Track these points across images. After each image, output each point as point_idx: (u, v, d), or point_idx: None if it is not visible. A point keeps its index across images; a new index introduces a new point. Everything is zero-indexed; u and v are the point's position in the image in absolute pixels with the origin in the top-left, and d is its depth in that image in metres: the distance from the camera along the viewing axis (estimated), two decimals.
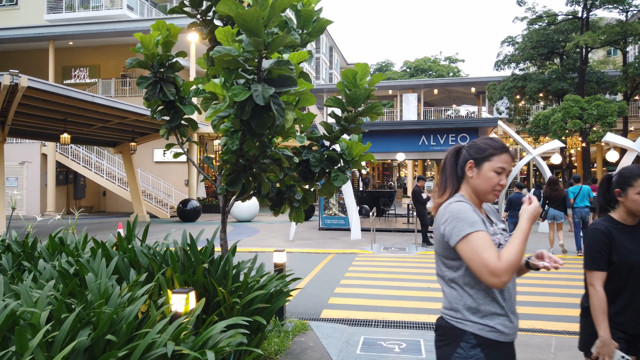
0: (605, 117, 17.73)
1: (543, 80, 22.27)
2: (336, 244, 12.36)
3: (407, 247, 11.65)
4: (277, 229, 16.03)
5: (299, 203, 4.66)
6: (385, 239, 13.39)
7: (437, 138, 14.90)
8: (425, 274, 8.26)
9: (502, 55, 24.91)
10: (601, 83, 21.77)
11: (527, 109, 24.91)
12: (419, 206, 11.85)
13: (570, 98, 18.51)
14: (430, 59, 47.24)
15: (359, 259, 10.05)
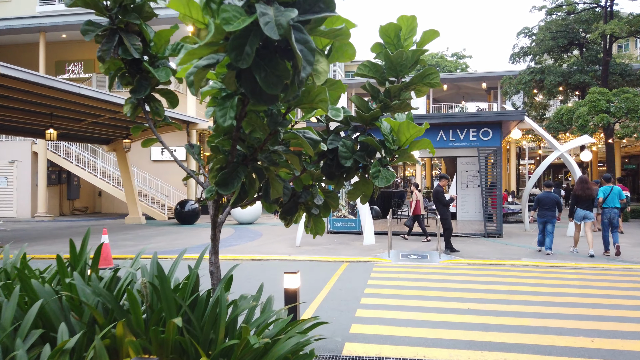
0: (635, 111, 16.42)
1: (563, 73, 20.97)
2: (348, 250, 11.11)
3: (428, 254, 10.39)
4: (282, 232, 14.78)
5: (319, 210, 3.40)
6: (401, 244, 12.12)
7: (456, 133, 13.63)
8: (459, 289, 6.99)
9: (517, 48, 23.63)
10: (626, 75, 20.45)
11: (544, 104, 23.60)
12: (441, 208, 10.59)
13: (596, 91, 17.20)
14: (437, 55, 45.85)
15: (377, 269, 8.79)
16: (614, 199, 10.16)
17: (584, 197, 10.27)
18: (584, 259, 9.71)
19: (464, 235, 13.44)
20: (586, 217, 10.29)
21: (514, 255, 10.17)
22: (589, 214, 10.25)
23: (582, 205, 10.32)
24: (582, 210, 10.31)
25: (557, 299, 6.42)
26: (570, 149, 14.24)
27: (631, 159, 36.47)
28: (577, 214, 10.40)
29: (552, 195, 10.39)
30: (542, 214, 10.33)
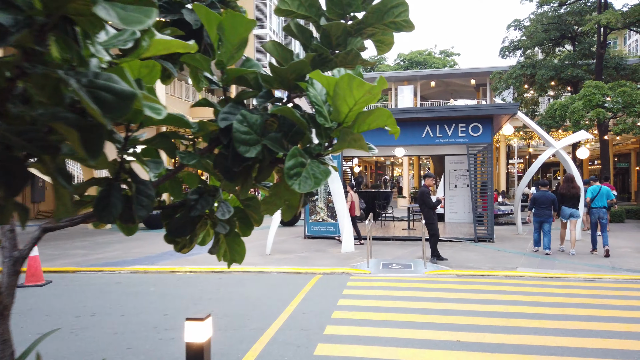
0: (632, 106, 15.46)
1: (555, 67, 20.01)
2: (324, 258, 9.93)
3: (413, 263, 9.25)
4: (255, 238, 13.54)
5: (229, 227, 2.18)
6: (384, 250, 10.97)
7: (444, 129, 12.53)
8: (445, 312, 5.84)
9: (507, 41, 22.67)
10: (620, 69, 19.54)
11: (535, 100, 22.64)
12: (427, 211, 9.45)
13: (591, 84, 16.22)
14: (425, 52, 44.94)
15: (353, 283, 7.62)
16: (601, 198, 10.16)
17: (569, 195, 10.32)
18: (587, 268, 8.63)
19: (452, 240, 12.34)
20: (572, 215, 10.27)
21: (508, 263, 9.07)
22: (575, 212, 10.28)
23: (567, 204, 10.35)
24: (568, 209, 10.31)
25: (563, 324, 5.29)
26: (565, 145, 13.21)
27: (621, 157, 35.81)
28: (563, 212, 10.39)
29: (549, 194, 10.31)
30: (539, 213, 10.31)
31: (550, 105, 17.94)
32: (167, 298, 6.59)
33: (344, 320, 5.48)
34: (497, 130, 14.24)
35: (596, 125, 17.71)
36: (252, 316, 5.64)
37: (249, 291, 6.99)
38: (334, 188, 11.06)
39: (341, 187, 11.12)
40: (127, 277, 8.19)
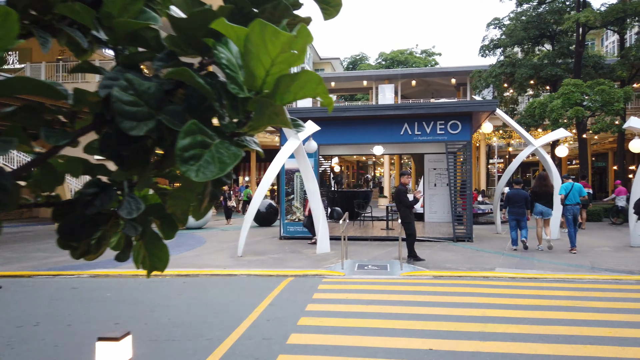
0: (610, 104, 15.42)
1: (534, 66, 19.96)
2: (298, 260, 9.53)
3: (389, 264, 8.91)
4: (230, 239, 13.07)
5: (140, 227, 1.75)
6: (361, 251, 10.63)
7: (422, 126, 12.24)
8: (422, 316, 5.50)
9: (487, 40, 22.56)
10: (599, 68, 19.58)
11: (514, 99, 22.59)
12: (403, 210, 9.13)
13: (570, 82, 16.15)
14: (407, 51, 44.88)
15: (325, 286, 7.24)
16: (575, 195, 10.33)
17: (542, 193, 10.43)
18: (566, 268, 8.41)
19: (430, 240, 12.06)
20: (544, 213, 10.41)
21: (486, 264, 8.80)
22: (547, 210, 10.39)
23: (540, 201, 10.45)
24: (541, 206, 10.42)
25: (542, 329, 4.99)
26: (544, 144, 13.06)
27: (599, 157, 36.21)
28: (536, 209, 10.49)
29: (522, 193, 10.46)
30: (513, 212, 10.40)
31: (529, 104, 17.85)
32: (122, 305, 6.12)
33: (310, 327, 5.09)
34: (476, 129, 14.03)
35: (575, 124, 17.69)
36: (211, 324, 5.22)
37: (213, 296, 6.56)
38: (309, 187, 10.68)
39: (317, 186, 10.75)
40: (85, 282, 7.67)
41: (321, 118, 12.47)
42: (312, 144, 11.05)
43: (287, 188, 12.92)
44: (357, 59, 51.11)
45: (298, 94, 1.27)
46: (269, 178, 9.96)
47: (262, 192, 9.90)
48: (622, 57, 19.08)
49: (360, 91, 38.27)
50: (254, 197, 10.02)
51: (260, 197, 9.90)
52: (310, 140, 11.05)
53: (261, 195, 9.89)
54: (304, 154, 10.58)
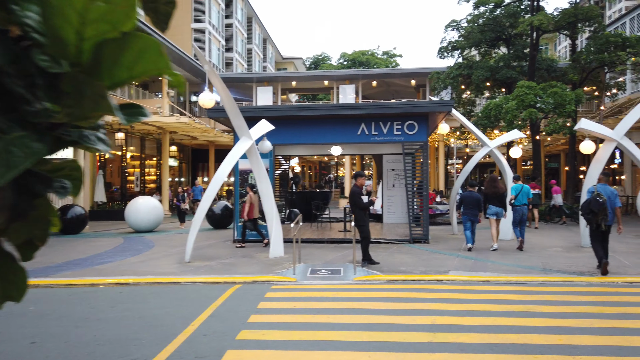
0: (562, 106, 15.76)
1: (491, 68, 20.23)
2: (249, 265, 9.11)
3: (343, 268, 8.64)
4: (181, 243, 12.47)
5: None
6: (316, 254, 10.32)
7: (379, 126, 12.06)
8: (370, 325, 5.22)
9: (445, 42, 22.75)
10: (552, 71, 20.06)
11: (472, 101, 22.89)
12: (358, 212, 8.87)
13: (524, 84, 16.41)
14: (368, 52, 45.04)
15: (273, 293, 6.87)
16: (523, 197, 10.71)
17: (492, 194, 10.68)
18: (519, 270, 8.37)
19: (387, 242, 11.89)
20: (497, 213, 10.65)
21: (440, 267, 8.66)
22: (500, 211, 10.63)
23: (492, 202, 10.70)
24: (494, 207, 10.66)
25: (493, 337, 4.81)
26: (499, 145, 13.16)
27: (552, 158, 37.42)
28: (490, 210, 10.74)
29: (475, 195, 10.73)
30: (467, 213, 10.61)
31: (485, 105, 18.07)
32: (45, 320, 5.55)
33: (250, 342, 4.71)
34: (433, 129, 14.00)
35: (529, 125, 18.01)
36: (141, 341, 4.75)
37: (149, 308, 6.07)
38: (262, 188, 10.28)
39: (270, 187, 10.36)
40: None
41: (277, 117, 12.10)
42: (266, 144, 10.66)
43: (242, 189, 12.46)
44: (320, 59, 50.92)
45: (135, 69, 0.90)
46: (219, 179, 9.49)
47: (211, 194, 9.42)
48: (573, 61, 19.61)
49: (321, 91, 38.07)
50: (202, 199, 9.53)
51: (209, 199, 9.42)
52: (264, 140, 10.65)
53: (210, 197, 9.41)
54: (257, 154, 10.17)
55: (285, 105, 12.23)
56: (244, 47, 48.02)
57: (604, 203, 7.65)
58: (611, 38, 18.00)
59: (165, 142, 23.29)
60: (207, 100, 9.06)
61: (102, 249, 11.31)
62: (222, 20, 40.55)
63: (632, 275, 7.78)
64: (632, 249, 10.71)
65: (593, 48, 18.48)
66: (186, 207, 15.73)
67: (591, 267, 8.46)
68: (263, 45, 56.47)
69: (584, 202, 8.14)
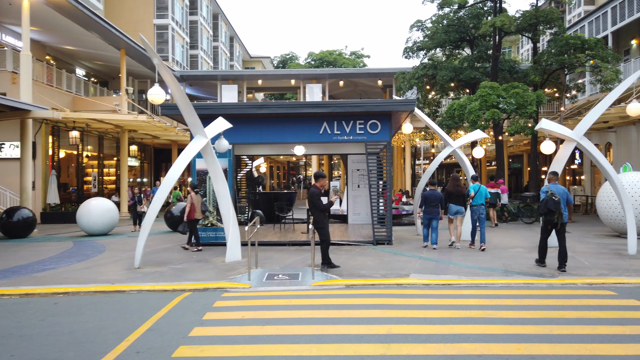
0: (524, 107, 15.88)
1: (455, 69, 20.30)
2: (203, 270, 8.63)
3: (302, 272, 8.27)
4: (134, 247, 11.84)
5: None
6: (276, 257, 9.92)
7: (342, 125, 11.76)
8: (321, 337, 4.87)
9: (411, 42, 22.72)
10: (514, 72, 20.28)
11: (437, 101, 22.94)
12: (317, 214, 8.53)
13: (487, 85, 16.48)
14: (335, 52, 44.86)
15: (223, 302, 6.44)
16: (480, 197, 10.90)
17: (455, 193, 11.06)
18: (480, 272, 8.20)
19: (350, 244, 11.60)
20: (458, 212, 11.12)
21: (401, 270, 8.41)
22: (461, 209, 11.10)
23: (454, 201, 11.08)
24: (455, 206, 11.08)
25: (449, 348, 4.53)
26: (462, 145, 13.08)
27: (515, 158, 38.16)
28: (451, 209, 11.13)
29: (437, 193, 10.94)
30: (428, 211, 10.84)
31: (449, 106, 18.06)
32: None
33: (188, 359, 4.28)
34: (396, 129, 13.81)
35: (492, 126, 18.11)
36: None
37: (83, 321, 5.54)
38: (218, 189, 9.81)
39: (227, 188, 9.89)
40: None
41: (236, 115, 11.63)
42: (223, 143, 10.19)
43: (200, 190, 11.92)
44: (287, 59, 50.41)
45: None
46: (170, 180, 8.95)
47: (162, 195, 8.88)
48: (535, 63, 19.87)
49: (288, 90, 37.61)
50: (153, 201, 8.97)
51: (160, 201, 8.87)
52: (222, 138, 10.18)
53: (161, 198, 8.86)
54: (213, 153, 9.69)
55: (244, 102, 11.75)
56: (209, 45, 47.02)
57: (559, 202, 7.99)
58: (571, 40, 18.30)
59: (124, 141, 22.38)
60: (156, 96, 8.52)
61: (47, 255, 10.57)
62: (186, 17, 39.51)
63: (591, 276, 7.73)
64: (592, 249, 10.77)
65: (554, 50, 18.77)
66: (143, 209, 14.79)
67: (552, 268, 8.38)
68: (230, 43, 55.54)
69: (541, 202, 8.28)
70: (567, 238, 12.17)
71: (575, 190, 24.57)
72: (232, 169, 11.93)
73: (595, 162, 10.74)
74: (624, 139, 20.65)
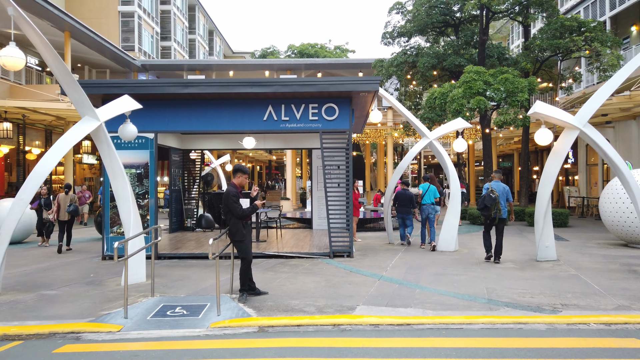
0: (514, 95, 13.73)
1: (437, 55, 18.14)
2: (77, 300, 6.30)
3: (211, 303, 6.00)
4: (32, 260, 9.48)
5: None
6: (195, 277, 7.62)
7: (290, 110, 9.51)
8: None
9: (390, 26, 20.50)
10: (503, 60, 18.16)
11: (418, 92, 20.76)
12: (233, 223, 6.23)
13: (472, 70, 14.31)
14: (317, 45, 42.58)
15: None
16: (429, 196, 10.68)
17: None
18: (455, 302, 5.97)
19: (301, 256, 9.36)
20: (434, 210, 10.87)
21: (349, 298, 6.16)
22: (437, 207, 10.89)
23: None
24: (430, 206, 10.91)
25: None
26: (440, 136, 10.88)
27: (505, 158, 36.13)
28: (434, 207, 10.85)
29: (408, 193, 10.90)
30: (400, 210, 10.91)
31: (429, 94, 15.83)
32: None
33: None
34: (362, 118, 11.57)
35: (478, 117, 15.95)
36: None
37: None
38: (116, 187, 7.50)
39: (127, 187, 7.56)
40: None
41: (157, 96, 9.34)
42: (129, 129, 7.89)
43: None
44: (268, 52, 48.03)
45: None
46: (39, 174, 6.59)
47: (24, 196, 6.52)
48: (526, 49, 17.78)
49: None
50: (13, 203, 6.60)
51: (23, 203, 6.52)
52: (127, 123, 7.88)
53: (23, 200, 6.51)
54: (108, 141, 7.36)
55: (165, 80, 9.43)
56: (184, 37, 44.52)
57: (496, 198, 8.54)
58: (567, 22, 16.22)
59: None
60: (12, 59, 6.20)
61: None
62: (156, 6, 36.98)
63: (608, 310, 5.53)
64: (599, 264, 8.60)
65: (547, 33, 16.67)
66: (50, 216, 11.13)
67: (553, 295, 6.19)
68: (209, 37, 53.05)
69: (480, 198, 8.75)
70: (566, 247, 10.21)
71: (570, 191, 22.52)
72: (155, 164, 9.61)
73: (603, 155, 8.60)
74: (622, 135, 18.61)
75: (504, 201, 8.61)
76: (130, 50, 31.32)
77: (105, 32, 29.94)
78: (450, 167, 10.40)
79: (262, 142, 13.28)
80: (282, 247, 10.26)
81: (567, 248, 10.58)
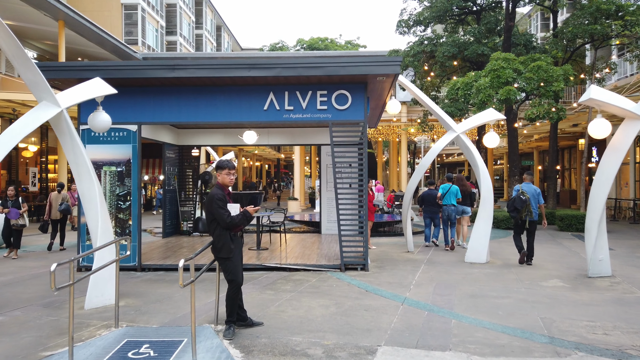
0: (549, 84, 12.20)
1: (458, 44, 16.62)
2: (16, 333, 4.99)
3: (188, 338, 4.63)
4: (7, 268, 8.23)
5: None
6: (178, 296, 6.28)
7: (295, 97, 8.14)
8: None
9: (406, 14, 19.02)
10: (530, 48, 16.60)
11: (436, 85, 19.25)
12: (218, 233, 4.85)
13: (499, 57, 12.79)
14: (327, 40, 41.14)
15: None
16: (450, 197, 10.37)
17: (461, 193, 10.53)
18: (506, 340, 4.55)
19: (307, 269, 7.98)
20: (464, 211, 10.69)
21: (369, 332, 4.75)
22: (467, 209, 10.72)
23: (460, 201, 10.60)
24: (461, 206, 10.64)
25: None
26: (468, 130, 9.45)
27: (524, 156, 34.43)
28: (456, 208, 10.54)
29: (434, 192, 10.65)
30: (427, 210, 10.69)
31: (451, 85, 14.30)
32: None
33: None
34: (379, 108, 10.15)
35: (505, 110, 14.44)
36: None
37: None
38: (82, 188, 6.17)
39: (95, 186, 6.22)
40: None
41: (139, 82, 8.01)
42: (101, 118, 6.55)
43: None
44: (277, 48, 46.73)
45: None
46: None
47: None
48: (554, 37, 16.21)
49: None
50: None
51: None
52: (99, 111, 6.55)
53: None
54: (71, 132, 6.03)
55: (146, 62, 8.01)
56: (191, 31, 43.37)
57: (526, 200, 8.25)
58: (603, 6, 14.62)
59: None
60: None
61: None
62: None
63: None
64: None
65: (581, 18, 15.09)
66: (22, 222, 9.58)
67: (633, 331, 4.74)
68: (217, 33, 51.91)
69: (509, 200, 8.52)
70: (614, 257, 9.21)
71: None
72: (138, 160, 8.27)
73: None
74: None
75: (535, 203, 8.39)
76: (134, 44, 30.21)
77: (108, 26, 28.87)
78: (481, 164, 8.96)
79: (265, 138, 11.90)
80: (285, 257, 8.89)
81: (616, 259, 9.09)
